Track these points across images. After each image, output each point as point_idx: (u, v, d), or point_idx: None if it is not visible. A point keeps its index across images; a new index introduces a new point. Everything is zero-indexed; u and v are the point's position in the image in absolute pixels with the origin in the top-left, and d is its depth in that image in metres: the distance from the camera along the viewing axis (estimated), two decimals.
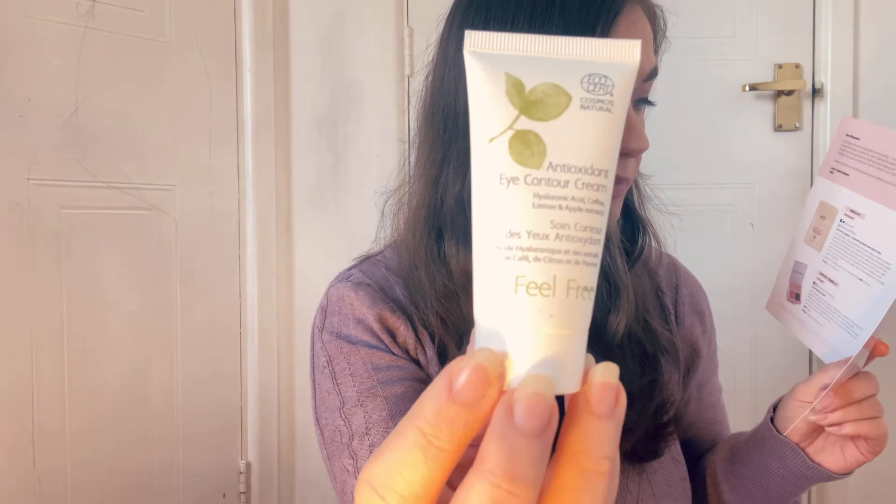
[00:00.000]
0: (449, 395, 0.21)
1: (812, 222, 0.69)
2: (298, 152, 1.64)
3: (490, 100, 0.24)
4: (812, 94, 1.54)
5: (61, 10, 1.30)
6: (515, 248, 0.23)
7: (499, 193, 0.24)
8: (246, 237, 1.59)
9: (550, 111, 0.24)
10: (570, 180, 0.24)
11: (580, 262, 0.24)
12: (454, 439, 0.21)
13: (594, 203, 0.24)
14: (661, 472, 0.66)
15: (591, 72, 0.25)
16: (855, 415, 0.61)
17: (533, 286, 0.23)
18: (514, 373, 0.23)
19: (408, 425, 0.22)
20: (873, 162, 0.63)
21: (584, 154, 0.24)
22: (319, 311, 0.67)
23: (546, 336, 0.23)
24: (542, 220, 0.23)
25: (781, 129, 1.55)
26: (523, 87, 0.24)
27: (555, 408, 0.21)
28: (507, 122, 0.24)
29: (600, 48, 0.25)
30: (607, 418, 0.22)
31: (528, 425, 0.20)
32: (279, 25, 1.62)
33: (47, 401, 1.28)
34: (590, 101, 0.24)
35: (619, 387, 0.23)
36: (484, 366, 0.21)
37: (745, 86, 1.53)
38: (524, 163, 0.24)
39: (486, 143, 0.24)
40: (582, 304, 0.24)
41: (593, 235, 0.24)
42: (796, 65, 1.54)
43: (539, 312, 0.23)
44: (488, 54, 0.25)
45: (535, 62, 0.25)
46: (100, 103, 1.35)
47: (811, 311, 0.68)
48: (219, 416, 1.56)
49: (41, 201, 1.28)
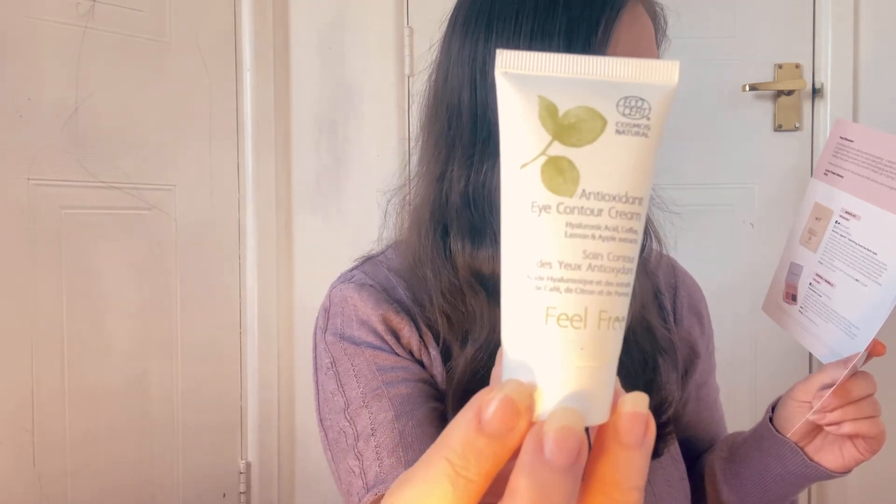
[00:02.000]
0: (478, 427, 0.21)
1: (807, 224, 0.70)
2: (298, 152, 1.64)
3: (523, 124, 0.24)
4: (812, 94, 1.54)
5: (61, 9, 1.30)
6: (546, 278, 0.23)
7: (530, 221, 0.23)
8: (246, 237, 1.59)
9: (585, 136, 0.23)
10: (604, 209, 0.23)
11: (612, 292, 0.23)
12: (482, 471, 0.21)
13: (628, 232, 0.23)
14: (660, 472, 0.66)
15: (628, 94, 0.24)
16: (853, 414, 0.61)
17: (564, 318, 0.23)
18: (544, 405, 0.23)
19: (435, 455, 0.21)
20: (867, 164, 0.63)
21: (619, 181, 0.23)
22: (322, 312, 0.67)
23: (576, 368, 0.23)
24: (575, 249, 0.23)
25: (781, 129, 1.55)
26: (557, 110, 0.23)
27: (584, 441, 0.21)
28: (540, 148, 0.23)
29: (637, 69, 0.25)
30: (637, 448, 0.22)
31: (558, 459, 0.20)
32: (279, 25, 1.62)
33: (47, 401, 1.28)
34: (625, 125, 0.23)
35: (649, 416, 0.22)
36: (513, 397, 0.21)
37: (745, 86, 1.53)
38: (557, 190, 0.23)
39: (517, 168, 0.23)
40: (613, 335, 0.24)
41: (626, 265, 0.24)
42: (796, 65, 1.54)
43: (570, 345, 0.23)
44: (521, 75, 0.24)
45: (569, 84, 0.24)
46: (100, 103, 1.35)
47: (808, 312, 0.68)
48: (219, 416, 1.56)
49: (41, 201, 1.28)
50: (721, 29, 1.56)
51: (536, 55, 0.25)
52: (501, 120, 0.24)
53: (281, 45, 1.63)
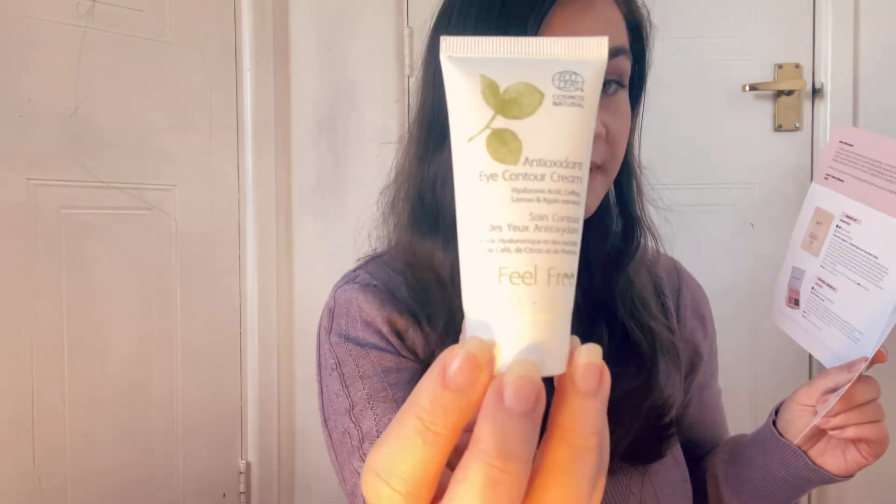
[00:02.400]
0: (443, 383, 0.22)
1: (808, 228, 0.70)
2: (298, 152, 1.64)
3: (467, 101, 0.25)
4: (812, 94, 1.54)
5: (61, 9, 1.30)
6: (497, 240, 0.25)
7: (479, 190, 0.25)
8: (246, 237, 1.59)
9: (525, 109, 0.25)
10: (546, 174, 0.25)
11: (559, 250, 0.25)
12: (449, 424, 0.22)
13: (570, 194, 0.25)
14: (663, 474, 0.66)
15: (562, 69, 0.26)
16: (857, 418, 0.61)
17: (516, 276, 0.25)
18: (503, 359, 0.24)
19: (406, 413, 0.23)
20: (867, 168, 0.63)
21: (559, 148, 0.25)
22: (326, 313, 0.67)
23: (531, 322, 0.24)
24: (522, 212, 0.25)
25: (781, 129, 1.55)
26: (498, 87, 0.25)
27: (542, 388, 0.22)
28: (484, 122, 0.25)
29: (570, 46, 0.27)
30: (593, 396, 0.23)
31: (517, 406, 0.22)
32: (279, 25, 1.62)
33: (47, 401, 1.28)
34: (562, 97, 0.25)
35: (603, 366, 0.24)
36: (474, 353, 0.23)
37: (745, 86, 1.53)
38: (502, 159, 0.25)
39: (465, 142, 0.25)
40: (563, 290, 0.25)
41: (571, 224, 0.25)
42: (796, 65, 1.54)
43: (523, 300, 0.24)
44: (463, 58, 0.26)
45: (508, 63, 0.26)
46: (100, 103, 1.35)
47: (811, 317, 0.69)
48: (219, 416, 1.56)
49: (41, 201, 1.28)
50: (721, 29, 1.56)
51: (478, 39, 0.26)
52: (448, 100, 0.26)
53: (281, 45, 1.63)
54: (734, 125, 1.56)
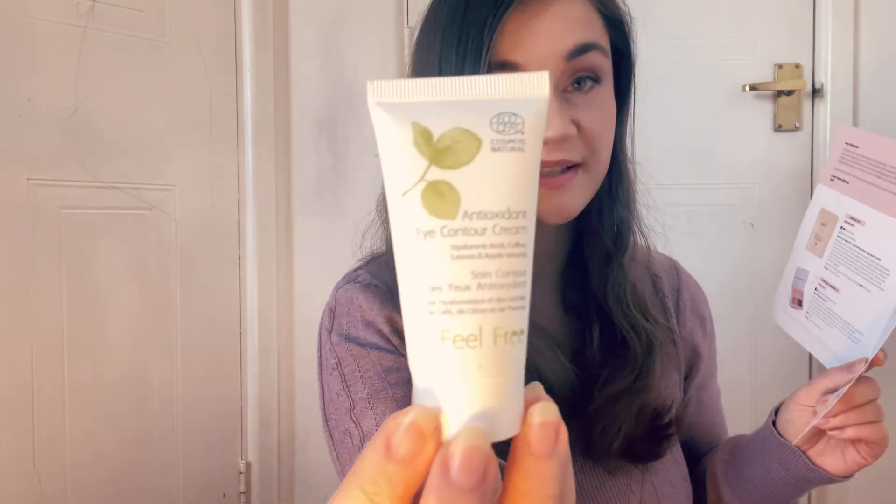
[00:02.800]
0: (386, 454, 0.21)
1: (813, 229, 0.70)
2: (298, 152, 1.64)
3: (399, 151, 0.24)
4: (812, 94, 1.54)
5: (61, 10, 1.30)
6: (438, 301, 0.23)
7: (417, 248, 0.23)
8: (246, 237, 1.59)
9: (461, 157, 0.23)
10: (488, 227, 0.23)
11: (505, 308, 0.23)
12: (395, 496, 0.21)
13: (515, 246, 0.24)
14: (663, 473, 0.66)
15: (500, 111, 0.24)
16: (857, 419, 0.61)
17: (459, 339, 0.23)
18: (451, 426, 0.23)
19: (349, 484, 0.22)
20: (872, 170, 0.64)
21: (500, 198, 0.23)
22: (328, 312, 0.67)
23: (478, 387, 0.23)
24: (463, 271, 0.23)
25: (781, 129, 1.55)
26: (431, 135, 0.23)
27: (491, 459, 0.21)
28: (418, 174, 0.23)
29: (507, 84, 0.25)
30: (548, 458, 0.22)
31: (464, 480, 0.21)
32: (279, 25, 1.62)
33: (47, 401, 1.28)
34: (500, 142, 0.24)
35: (559, 425, 0.23)
36: (418, 422, 0.22)
37: (745, 86, 1.53)
38: (439, 214, 0.23)
39: (399, 196, 0.24)
40: (512, 349, 0.24)
41: (517, 279, 0.24)
42: (796, 65, 1.54)
43: (468, 364, 0.23)
44: (394, 104, 0.24)
45: (441, 107, 0.24)
46: (100, 103, 1.35)
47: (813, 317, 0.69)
48: (219, 416, 1.56)
49: (41, 201, 1.28)
50: (721, 29, 1.56)
51: (408, 82, 0.25)
52: (380, 150, 0.24)
53: (281, 45, 1.63)
54: (734, 125, 1.56)
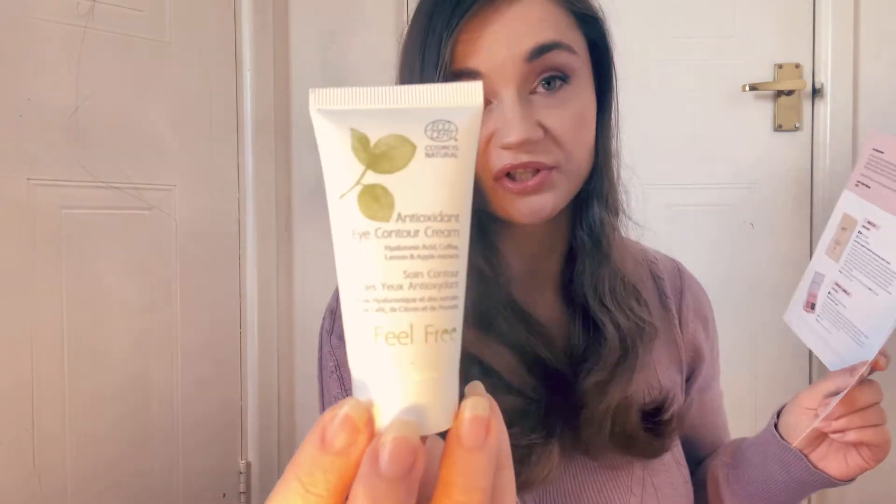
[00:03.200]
0: (321, 446, 0.23)
1: (834, 234, 0.70)
2: (298, 152, 1.64)
3: (337, 156, 0.25)
4: (812, 94, 1.54)
5: (61, 10, 1.30)
6: (372, 300, 0.24)
7: (353, 248, 0.25)
8: (246, 237, 1.59)
9: (396, 163, 0.24)
10: (420, 229, 0.24)
11: (437, 307, 0.25)
12: (329, 486, 0.22)
13: (446, 248, 0.25)
14: (664, 475, 0.66)
15: (434, 119, 0.25)
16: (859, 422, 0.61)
17: (391, 336, 0.24)
18: (383, 419, 0.24)
19: (288, 475, 0.23)
20: (892, 174, 0.63)
21: (432, 202, 0.25)
22: (328, 314, 0.67)
23: (410, 382, 0.24)
24: (395, 271, 0.24)
25: (781, 129, 1.55)
26: (368, 141, 0.25)
27: (419, 450, 0.22)
28: (354, 178, 0.25)
29: (442, 94, 0.26)
30: (478, 450, 0.23)
31: (391, 470, 0.21)
32: (279, 25, 1.62)
33: (47, 401, 1.28)
34: (434, 148, 0.25)
35: (490, 419, 0.23)
36: (351, 415, 0.23)
37: (745, 86, 1.53)
38: (373, 216, 0.24)
39: (337, 199, 0.25)
40: (444, 347, 0.25)
41: (449, 280, 0.25)
42: (796, 65, 1.54)
43: (399, 360, 0.24)
44: (334, 111, 0.26)
45: (379, 115, 0.25)
46: (100, 103, 1.35)
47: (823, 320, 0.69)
48: (219, 416, 1.55)
49: (41, 201, 1.28)
50: (721, 29, 1.56)
51: (348, 90, 0.26)
52: (321, 155, 0.26)
53: (281, 45, 1.63)
54: (734, 125, 1.56)
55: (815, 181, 1.54)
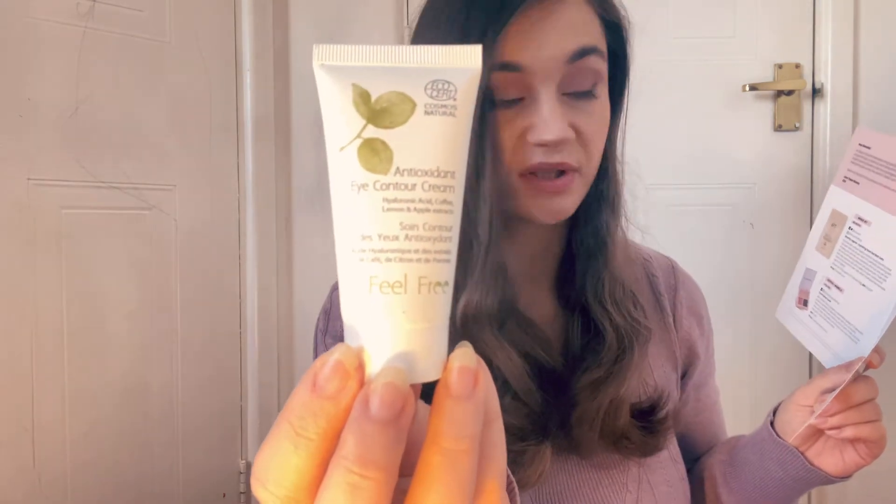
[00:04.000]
0: (313, 390, 0.23)
1: (823, 230, 0.70)
2: (298, 152, 1.64)
3: (338, 110, 0.26)
4: (812, 94, 1.54)
5: (61, 10, 1.30)
6: (368, 250, 0.25)
7: (351, 199, 0.25)
8: (246, 237, 1.59)
9: (396, 119, 0.25)
10: (418, 183, 0.25)
11: (430, 259, 0.25)
12: (319, 430, 0.23)
13: (442, 203, 0.26)
14: (660, 472, 0.66)
15: (435, 78, 0.26)
16: (855, 418, 0.61)
17: (385, 285, 0.25)
18: (374, 366, 0.24)
19: (281, 419, 0.24)
20: (881, 170, 0.63)
21: (430, 158, 0.25)
22: (322, 314, 0.67)
23: (401, 330, 0.25)
24: (392, 222, 0.25)
25: (781, 129, 1.55)
26: (369, 96, 0.25)
27: (408, 396, 0.23)
28: (355, 132, 0.25)
29: (443, 55, 0.27)
30: (466, 399, 0.23)
31: (381, 413, 0.22)
32: (279, 25, 1.62)
33: (47, 400, 1.28)
34: (434, 106, 0.26)
35: (478, 370, 0.24)
36: (342, 360, 0.23)
37: (745, 86, 1.53)
38: (372, 169, 0.25)
39: (337, 151, 0.25)
40: (436, 298, 0.26)
41: (443, 234, 0.26)
42: (796, 65, 1.54)
43: (392, 309, 0.25)
44: (336, 66, 0.26)
45: (380, 72, 0.26)
46: (100, 103, 1.35)
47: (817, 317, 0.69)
48: (219, 416, 1.56)
49: (41, 201, 1.28)
50: (721, 29, 1.56)
51: (352, 47, 0.27)
52: (322, 109, 0.26)
53: (281, 45, 1.63)
54: (734, 125, 1.56)
55: (815, 181, 1.54)
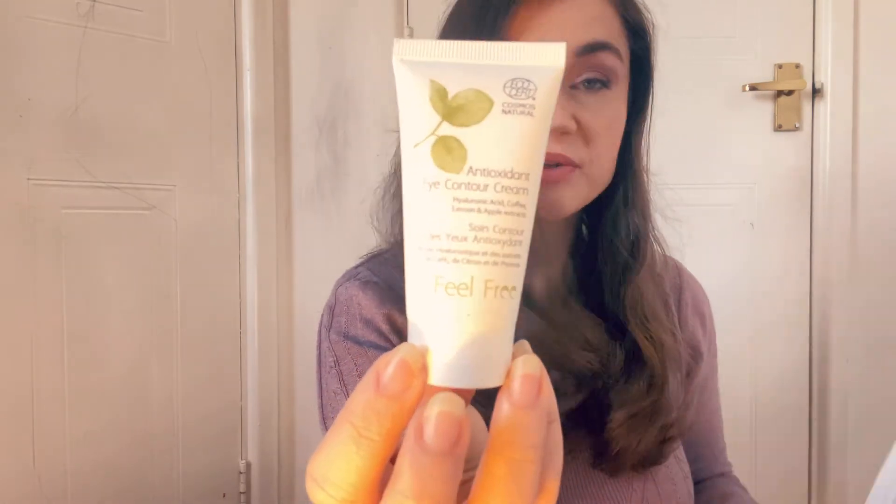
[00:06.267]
0: (376, 389, 0.22)
1: None
2: (298, 152, 1.64)
3: (415, 106, 0.25)
4: (812, 94, 1.54)
5: (61, 10, 1.30)
6: (436, 249, 0.25)
7: (422, 197, 0.25)
8: (246, 237, 1.59)
9: (472, 117, 0.25)
10: (490, 184, 0.25)
11: (499, 262, 0.25)
12: (383, 430, 0.22)
13: (514, 206, 0.25)
14: (664, 471, 0.66)
15: (515, 76, 0.25)
16: None
17: (451, 286, 0.24)
18: (436, 367, 0.24)
19: (341, 420, 0.23)
20: None
21: (504, 158, 0.25)
22: (327, 310, 0.67)
23: (465, 334, 0.24)
24: (461, 222, 0.24)
25: (781, 129, 1.55)
26: (446, 93, 0.25)
27: (464, 423, 0.22)
28: (430, 128, 0.25)
29: (524, 52, 0.26)
30: (530, 409, 0.23)
31: (436, 445, 0.21)
32: (279, 25, 1.62)
33: (47, 401, 1.28)
34: (512, 105, 0.25)
35: (543, 378, 0.23)
36: (406, 360, 0.23)
37: (745, 86, 1.53)
38: (445, 167, 0.24)
39: (411, 148, 0.25)
40: (502, 303, 0.25)
41: (513, 237, 0.25)
42: (796, 65, 1.54)
43: (457, 312, 0.24)
44: (415, 62, 0.26)
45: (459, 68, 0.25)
46: (100, 103, 1.35)
47: None
48: (219, 416, 1.55)
49: (41, 201, 1.28)
50: (721, 29, 1.56)
51: (431, 43, 0.26)
52: (399, 103, 0.26)
53: (281, 45, 1.63)
54: (734, 125, 1.56)
55: (815, 181, 1.54)
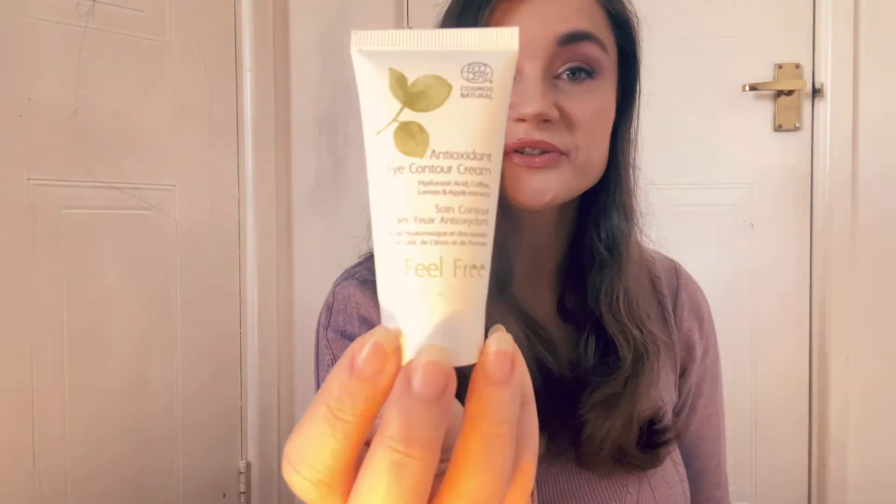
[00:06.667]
0: (350, 371, 0.23)
1: None
2: (298, 152, 1.64)
3: (375, 95, 0.26)
4: (812, 94, 1.54)
5: (61, 9, 1.30)
6: (404, 232, 0.25)
7: (387, 183, 0.26)
8: (246, 237, 1.59)
9: (432, 102, 0.25)
10: (453, 166, 0.25)
11: (466, 242, 0.25)
12: (357, 412, 0.23)
13: (478, 186, 0.25)
14: (660, 474, 0.65)
15: (471, 61, 0.26)
16: None
17: (421, 268, 0.25)
18: (409, 349, 0.25)
19: (317, 401, 0.23)
20: None
21: (466, 140, 0.25)
22: (325, 308, 0.67)
23: (437, 313, 0.25)
24: (427, 205, 0.25)
25: (781, 129, 1.55)
26: (406, 80, 0.25)
27: (451, 375, 0.23)
28: (391, 115, 0.25)
29: (479, 37, 0.27)
30: (503, 384, 0.23)
31: (424, 391, 0.22)
32: (279, 25, 1.62)
33: (47, 401, 1.28)
34: (470, 89, 0.26)
35: (514, 354, 0.24)
36: (380, 342, 0.23)
37: (745, 86, 1.53)
38: (408, 152, 0.25)
39: (374, 135, 0.26)
40: (472, 282, 0.25)
41: (479, 216, 0.26)
42: (796, 65, 1.54)
43: (428, 292, 0.25)
44: (373, 51, 0.26)
45: (417, 56, 0.26)
46: (100, 103, 1.35)
47: None
48: (219, 416, 1.55)
49: (41, 201, 1.28)
50: (721, 29, 1.56)
51: (388, 33, 0.27)
52: (360, 93, 0.26)
53: (281, 45, 1.63)
54: (734, 125, 1.56)
55: (815, 181, 1.54)
